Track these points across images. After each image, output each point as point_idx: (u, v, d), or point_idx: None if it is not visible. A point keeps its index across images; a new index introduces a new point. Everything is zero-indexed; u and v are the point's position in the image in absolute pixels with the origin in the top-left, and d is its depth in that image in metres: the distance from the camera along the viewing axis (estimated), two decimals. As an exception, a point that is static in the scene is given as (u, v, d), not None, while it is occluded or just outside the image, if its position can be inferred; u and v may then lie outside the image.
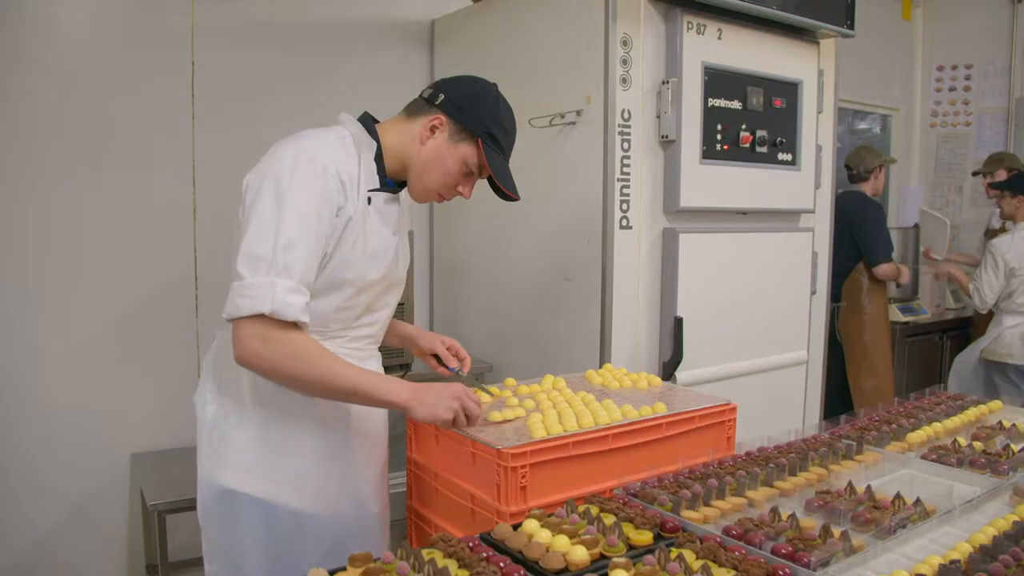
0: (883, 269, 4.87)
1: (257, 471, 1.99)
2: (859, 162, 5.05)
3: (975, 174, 5.53)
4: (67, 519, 3.34)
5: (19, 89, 3.11)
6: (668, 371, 3.19)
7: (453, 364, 2.37)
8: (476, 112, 2.01)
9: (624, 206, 3.11)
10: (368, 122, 2.08)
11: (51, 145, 3.15)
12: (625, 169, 3.10)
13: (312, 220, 1.83)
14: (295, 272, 1.80)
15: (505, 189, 2.04)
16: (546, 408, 2.14)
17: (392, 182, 2.06)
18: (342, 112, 2.09)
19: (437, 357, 2.41)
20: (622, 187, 3.10)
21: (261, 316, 1.76)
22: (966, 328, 5.62)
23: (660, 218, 3.25)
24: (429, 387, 1.90)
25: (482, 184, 2.11)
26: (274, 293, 1.76)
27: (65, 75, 3.18)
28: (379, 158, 2.03)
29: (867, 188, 5.05)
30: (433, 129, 2.01)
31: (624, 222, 3.12)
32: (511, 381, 2.51)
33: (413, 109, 2.08)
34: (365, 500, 2.16)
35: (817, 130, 3.69)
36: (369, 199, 1.99)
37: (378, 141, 2.04)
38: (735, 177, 3.35)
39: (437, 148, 2.01)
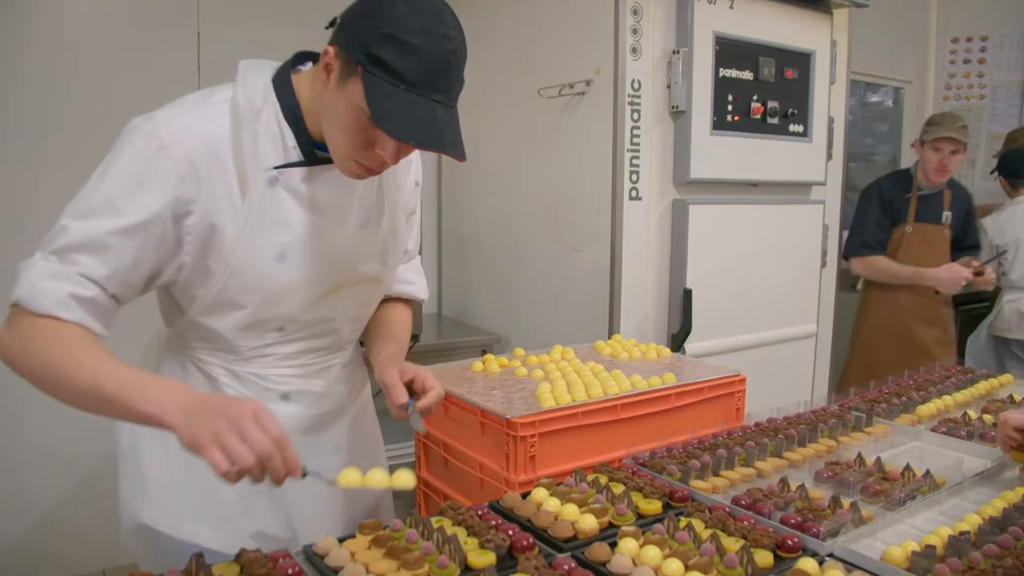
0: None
1: (176, 509, 1.65)
2: None
3: (996, 157, 5.44)
4: (73, 490, 3.36)
5: (25, 64, 3.10)
6: (677, 343, 3.18)
7: (401, 399, 1.59)
8: (357, 27, 1.39)
9: (634, 177, 3.09)
10: (285, 71, 1.59)
11: (56, 119, 3.14)
12: (635, 140, 3.08)
13: (124, 208, 1.40)
14: (72, 259, 1.39)
15: (395, 137, 1.37)
16: (555, 378, 2.14)
17: (323, 147, 1.55)
18: (242, 60, 1.59)
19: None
20: (632, 158, 3.08)
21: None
22: (979, 303, 5.58)
23: (670, 189, 3.23)
24: (211, 398, 1.32)
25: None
26: (29, 274, 1.38)
27: (71, 49, 3.17)
28: (299, 119, 1.55)
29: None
30: (328, 69, 1.44)
31: (633, 193, 3.10)
32: (520, 351, 2.51)
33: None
34: (319, 521, 1.75)
35: (829, 102, 3.66)
36: (278, 178, 1.53)
37: (296, 97, 1.55)
38: (746, 148, 3.32)
39: (330, 96, 1.45)
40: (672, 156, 3.20)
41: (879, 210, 4.26)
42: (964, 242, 4.32)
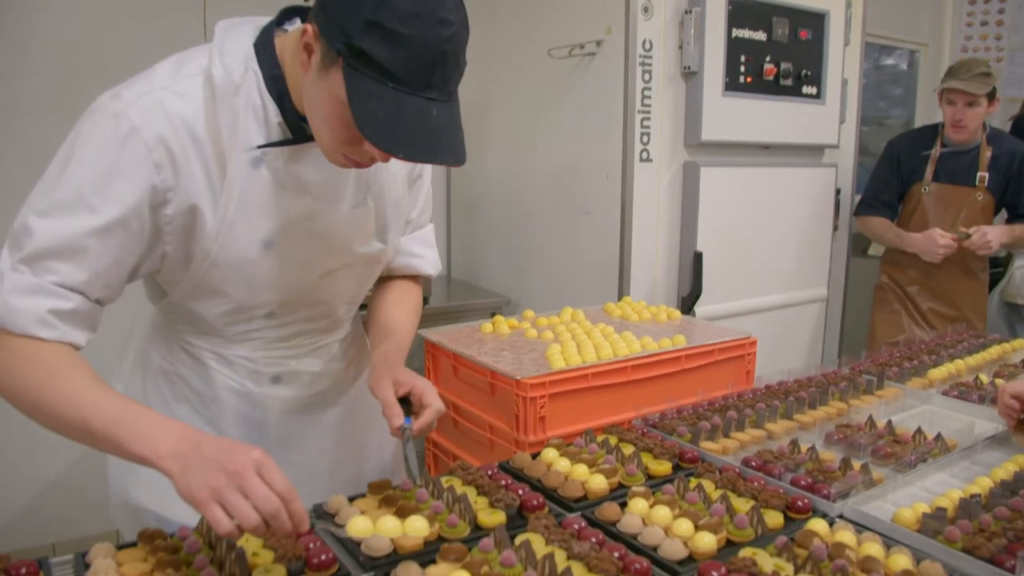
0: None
1: (164, 487, 1.30)
2: None
3: (1011, 120, 5.36)
4: (84, 454, 3.37)
5: (32, 24, 3.07)
6: (687, 305, 3.17)
7: (396, 420, 1.46)
8: (337, 11, 1.18)
9: (644, 139, 3.07)
10: (268, 33, 1.39)
11: (62, 81, 3.11)
12: (646, 101, 3.05)
13: (96, 204, 1.26)
14: (46, 267, 1.25)
15: (381, 149, 1.19)
16: (565, 339, 2.13)
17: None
18: (219, 21, 1.41)
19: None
20: (642, 119, 3.05)
21: None
22: (991, 269, 5.53)
23: (681, 151, 3.20)
24: (209, 444, 1.15)
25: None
26: (0, 291, 1.23)
27: (78, 9, 3.14)
28: (283, 91, 1.36)
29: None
30: (308, 50, 1.25)
31: (644, 155, 3.08)
32: (529, 313, 2.50)
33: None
34: (312, 496, 1.48)
35: (843, 63, 3.61)
36: (261, 158, 1.38)
37: (280, 65, 1.36)
38: (758, 110, 3.29)
39: (311, 82, 1.26)
40: (684, 118, 3.18)
41: (886, 168, 3.82)
42: (1020, 208, 3.64)
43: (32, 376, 1.22)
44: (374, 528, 1.26)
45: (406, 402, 1.49)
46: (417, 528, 1.26)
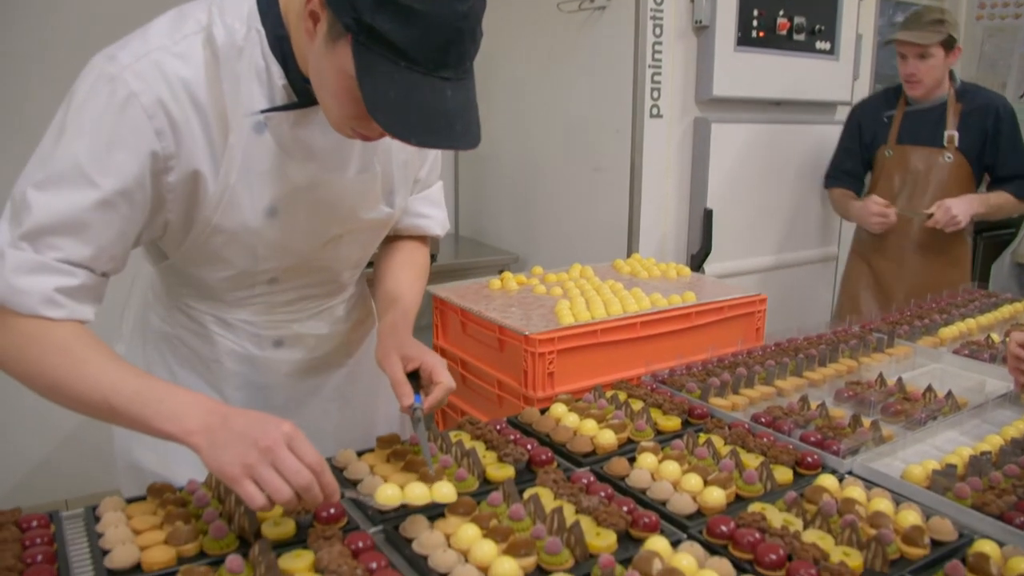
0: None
1: (169, 450, 1.34)
2: None
3: None
4: (81, 428, 3.38)
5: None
6: (696, 263, 3.15)
7: (405, 399, 1.38)
8: None
9: (655, 94, 3.03)
10: None
11: (59, 31, 3.07)
12: (656, 56, 3.01)
13: (96, 176, 1.19)
14: (49, 244, 1.19)
15: (393, 135, 1.13)
16: (574, 295, 2.12)
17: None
18: None
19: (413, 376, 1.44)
20: (653, 75, 3.01)
21: None
22: (1003, 229, 5.50)
23: (692, 107, 3.17)
24: (237, 418, 1.14)
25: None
26: (2, 270, 1.17)
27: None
28: (288, 53, 1.29)
29: None
30: (314, 19, 1.16)
31: (655, 111, 3.05)
32: (538, 269, 2.49)
33: None
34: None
35: (858, 18, 3.55)
36: (265, 123, 1.31)
37: (285, 25, 1.28)
38: (770, 65, 3.24)
39: (317, 53, 1.18)
40: (695, 73, 3.14)
41: (847, 135, 3.43)
42: (999, 171, 3.21)
43: (45, 358, 1.19)
44: (402, 496, 1.23)
45: (415, 377, 1.43)
46: (444, 494, 1.23)
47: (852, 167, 3.42)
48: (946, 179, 3.19)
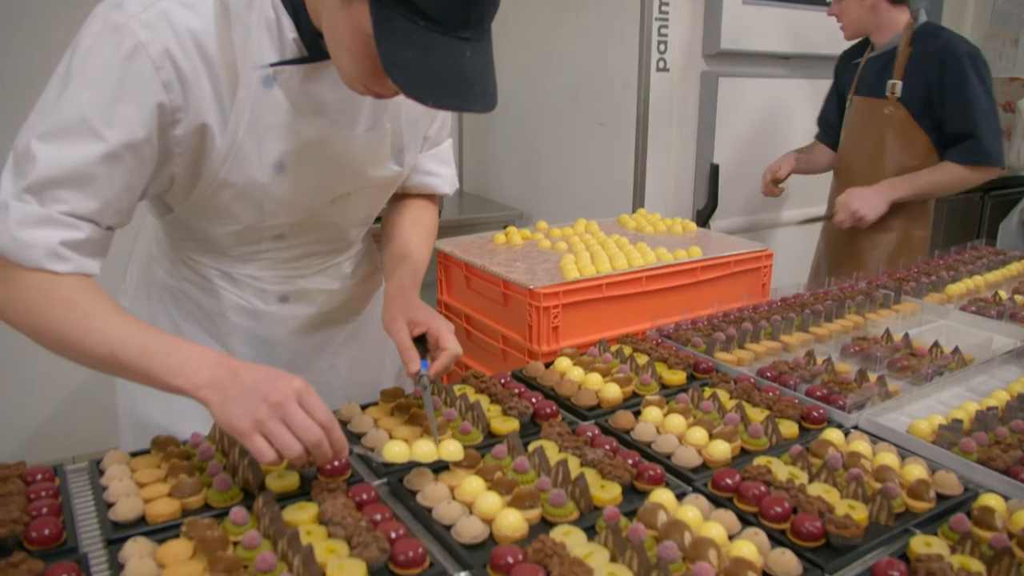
0: None
1: (172, 404, 1.37)
2: None
3: None
4: (86, 385, 3.39)
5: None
6: (702, 219, 3.14)
7: (412, 365, 1.36)
8: None
9: (662, 47, 2.99)
10: None
11: None
12: (663, 8, 2.97)
13: (102, 129, 1.17)
14: (54, 197, 1.16)
15: (411, 96, 1.10)
16: (579, 250, 2.11)
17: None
18: None
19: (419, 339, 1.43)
20: (660, 27, 2.97)
21: None
22: (1012, 188, 5.45)
23: (699, 61, 3.14)
24: (248, 372, 1.12)
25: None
26: (5, 221, 1.15)
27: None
28: (299, 6, 1.26)
29: None
30: None
31: (661, 64, 3.01)
32: (543, 224, 2.47)
33: None
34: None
35: (870, -31, 3.49)
36: (274, 77, 1.28)
37: None
38: (780, 19, 3.20)
39: (331, 9, 1.16)
40: (702, 26, 3.10)
41: (831, 85, 3.11)
42: (948, 128, 2.73)
43: (51, 312, 1.16)
44: (410, 453, 1.22)
45: (422, 341, 1.41)
46: (451, 452, 1.23)
47: (832, 118, 3.10)
48: (887, 135, 2.82)
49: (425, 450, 1.23)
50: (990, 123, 2.67)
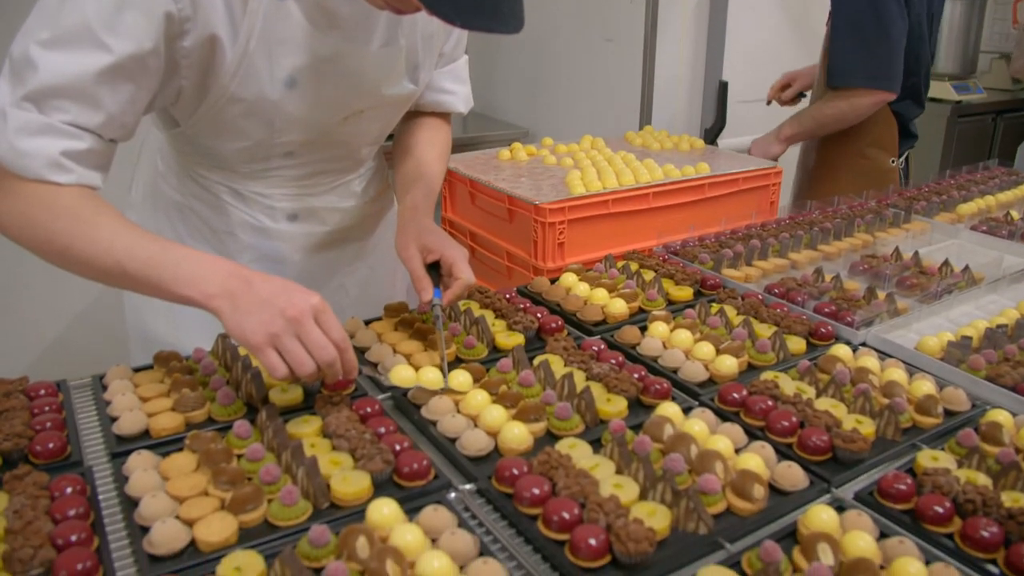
0: None
1: (179, 319, 1.43)
2: None
3: None
4: (92, 305, 3.37)
5: None
6: (710, 137, 3.08)
7: (425, 294, 1.34)
8: None
9: (672, -40, 2.91)
10: None
11: None
12: (674, -81, 2.88)
13: (107, 39, 1.10)
14: (56, 106, 1.11)
15: (439, 15, 1.06)
16: (585, 166, 2.07)
17: None
18: None
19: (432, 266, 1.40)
20: (670, -61, 2.89)
21: None
22: (1022, 111, 5.35)
23: (710, -26, 3.05)
24: (263, 284, 1.09)
25: None
26: (3, 129, 1.10)
27: None
28: None
29: None
30: None
31: (671, -23, 2.93)
32: (548, 140, 2.43)
33: None
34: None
35: None
36: None
37: None
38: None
39: None
40: (714, -64, 3.01)
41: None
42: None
43: (54, 223, 1.12)
44: (417, 378, 1.21)
45: (435, 268, 1.38)
46: (460, 383, 1.21)
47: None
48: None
49: (432, 377, 1.22)
50: (843, 38, 2.41)
